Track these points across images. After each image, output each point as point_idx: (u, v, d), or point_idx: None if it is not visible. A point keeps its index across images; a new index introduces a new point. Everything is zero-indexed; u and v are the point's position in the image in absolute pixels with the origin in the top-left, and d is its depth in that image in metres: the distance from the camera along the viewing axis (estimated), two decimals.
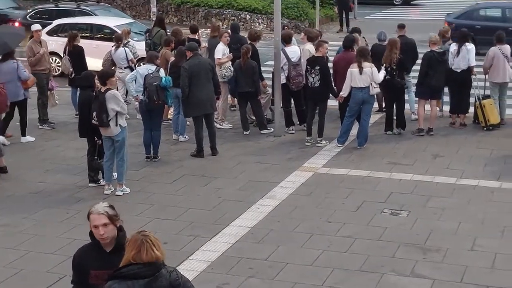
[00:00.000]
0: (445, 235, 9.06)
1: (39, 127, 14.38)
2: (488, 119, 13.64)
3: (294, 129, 13.93)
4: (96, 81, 10.77)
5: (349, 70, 12.53)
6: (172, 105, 13.12)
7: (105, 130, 10.51)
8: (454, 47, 13.72)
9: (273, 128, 13.84)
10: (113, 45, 15.50)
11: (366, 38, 15.35)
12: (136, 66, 15.15)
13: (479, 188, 10.77)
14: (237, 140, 13.51)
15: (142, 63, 14.04)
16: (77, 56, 14.89)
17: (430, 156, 12.32)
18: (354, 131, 13.06)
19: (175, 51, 13.77)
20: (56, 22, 20.24)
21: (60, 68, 17.66)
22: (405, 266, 8.25)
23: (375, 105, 13.73)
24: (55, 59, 18.64)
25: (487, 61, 13.84)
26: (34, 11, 22.59)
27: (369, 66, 12.41)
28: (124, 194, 10.73)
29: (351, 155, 12.44)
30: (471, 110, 14.10)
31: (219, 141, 13.06)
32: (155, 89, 11.87)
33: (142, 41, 17.55)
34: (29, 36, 14.99)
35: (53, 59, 18.11)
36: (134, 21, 21.54)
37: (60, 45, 17.24)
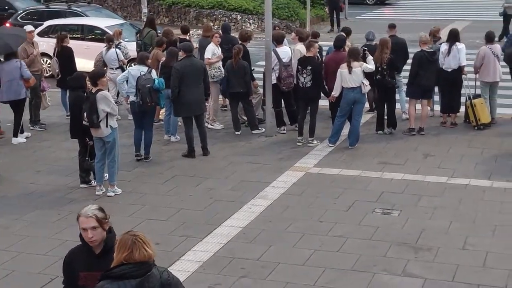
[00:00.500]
0: (436, 234, 9.09)
1: (30, 128, 14.35)
2: (479, 119, 13.69)
3: (285, 129, 13.94)
4: (87, 81, 10.76)
5: (339, 70, 12.56)
6: (163, 106, 13.11)
7: (95, 131, 10.50)
8: (445, 47, 13.76)
9: (264, 128, 13.85)
10: (104, 46, 15.49)
11: (356, 38, 15.37)
12: (127, 66, 15.14)
13: (470, 187, 10.81)
14: (228, 140, 13.52)
15: (133, 64, 14.02)
16: (66, 57, 14.87)
17: (421, 155, 12.36)
18: (345, 131, 13.09)
19: (166, 52, 13.76)
20: (47, 23, 20.20)
21: (50, 69, 17.63)
22: (396, 265, 8.27)
23: (366, 105, 13.75)
24: (46, 60, 18.60)
25: (478, 60, 13.89)
26: (25, 12, 22.52)
27: (358, 66, 12.44)
28: (115, 195, 10.71)
29: (343, 155, 12.46)
30: (462, 109, 14.14)
31: (211, 141, 13.07)
32: (148, 91, 11.87)
33: (133, 41, 17.54)
34: None
35: (44, 60, 18.08)
36: (125, 21, 21.50)
37: (51, 46, 17.18)
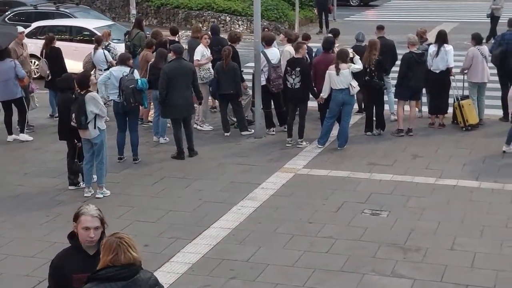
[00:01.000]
0: (425, 235, 9.12)
1: (19, 130, 14.27)
2: (466, 120, 13.75)
3: (274, 130, 13.95)
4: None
5: (327, 72, 12.60)
6: (147, 106, 13.09)
7: (83, 132, 10.47)
8: (433, 48, 13.82)
9: (253, 129, 13.85)
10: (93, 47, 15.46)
11: (344, 39, 15.40)
12: None
13: (458, 188, 10.85)
14: (217, 141, 13.51)
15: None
16: (55, 58, 14.83)
17: (410, 156, 12.40)
18: (334, 132, 13.11)
19: (155, 53, 13.74)
20: (35, 25, 20.12)
21: (38, 70, 17.56)
22: (385, 266, 8.29)
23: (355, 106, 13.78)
24: (34, 62, 18.52)
25: (467, 61, 13.93)
26: (12, 13, 22.42)
27: (346, 67, 12.47)
28: (104, 196, 10.68)
29: (332, 156, 12.48)
30: (450, 110, 14.20)
31: (200, 142, 13.06)
32: (132, 91, 11.85)
33: (122, 43, 17.51)
34: None
35: (32, 62, 18.00)
36: (113, 23, 21.46)
37: (39, 47, 17.11)
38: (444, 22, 28.34)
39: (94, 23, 20.31)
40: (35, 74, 18.13)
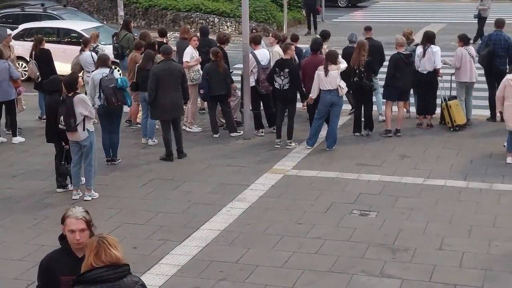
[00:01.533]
0: (413, 235, 9.15)
1: (6, 132, 14.22)
2: (454, 120, 13.81)
3: (263, 131, 13.96)
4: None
5: (316, 72, 12.62)
6: (130, 105, 13.08)
7: (72, 134, 10.44)
8: (420, 49, 13.87)
9: (242, 130, 13.86)
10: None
11: (332, 41, 15.43)
12: None
13: (446, 188, 10.90)
14: (206, 143, 13.51)
15: (118, 70, 13.96)
16: (44, 60, 14.80)
17: (398, 157, 12.44)
18: (323, 133, 13.14)
19: (143, 55, 13.72)
20: (22, 27, 20.04)
21: (26, 72, 17.50)
22: (374, 266, 8.31)
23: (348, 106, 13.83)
24: (22, 64, 18.46)
25: (457, 60, 13.97)
26: None
27: (335, 69, 12.50)
28: (92, 199, 10.66)
29: (320, 157, 12.50)
30: (438, 111, 14.25)
31: (189, 144, 13.05)
32: (112, 91, 11.84)
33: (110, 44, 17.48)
34: None
35: (19, 64, 17.94)
36: (101, 24, 21.41)
37: (26, 49, 17.08)
38: (431, 22, 28.47)
39: (82, 25, 20.25)
40: (23, 76, 18.08)
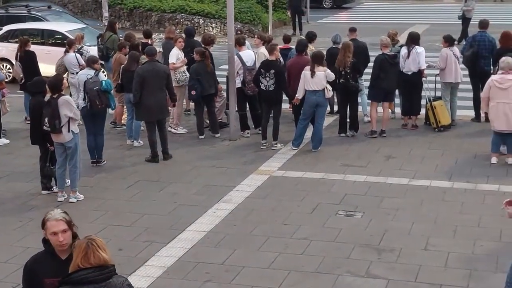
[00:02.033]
0: (398, 235, 9.19)
1: None
2: (439, 121, 13.87)
3: (249, 132, 13.97)
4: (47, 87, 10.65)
5: (303, 72, 12.64)
6: (114, 108, 13.05)
7: (57, 136, 10.39)
8: (404, 50, 13.92)
9: (228, 132, 13.85)
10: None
11: (317, 42, 15.46)
12: None
13: (432, 188, 10.94)
14: (192, 144, 13.49)
15: (103, 72, 13.88)
16: (29, 61, 14.73)
17: (383, 157, 12.48)
18: (308, 134, 13.16)
19: (128, 56, 13.69)
20: (6, 28, 19.95)
21: (11, 74, 17.42)
22: (360, 266, 8.33)
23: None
24: (6, 66, 18.37)
25: (442, 61, 14.01)
26: None
27: (322, 70, 12.52)
28: (77, 201, 10.61)
29: (306, 158, 12.52)
30: (423, 111, 14.31)
31: (174, 145, 13.03)
32: (97, 93, 11.80)
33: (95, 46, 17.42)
34: None
35: (3, 65, 17.85)
36: (86, 26, 21.34)
37: (10, 51, 17.01)
38: (416, 23, 28.59)
39: (66, 26, 20.17)
40: (7, 78, 17.99)
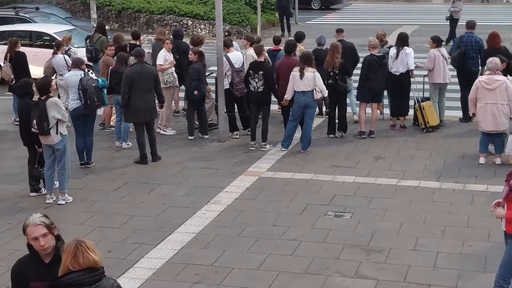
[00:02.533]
0: (387, 236, 9.21)
1: None
2: (427, 121, 13.91)
3: (238, 134, 13.97)
4: (34, 89, 10.62)
5: (292, 73, 12.66)
6: (107, 103, 13.02)
7: (45, 138, 10.36)
8: (393, 51, 13.97)
9: (216, 133, 13.85)
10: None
11: (305, 43, 15.49)
12: None
13: (420, 188, 10.98)
14: (181, 146, 13.47)
15: (91, 72, 13.81)
16: (19, 62, 14.71)
17: (372, 158, 12.51)
18: (297, 135, 13.17)
19: (116, 57, 13.66)
20: None
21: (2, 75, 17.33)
22: (349, 267, 8.35)
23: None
24: None
25: (430, 62, 14.06)
26: None
27: (311, 71, 12.54)
28: (66, 203, 10.58)
29: (295, 159, 12.54)
30: (411, 112, 14.36)
31: (163, 147, 13.02)
32: (95, 91, 11.83)
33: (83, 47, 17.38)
34: None
35: None
36: (74, 27, 21.27)
37: None
38: (404, 24, 28.67)
39: (54, 28, 20.11)
40: None
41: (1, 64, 15.52)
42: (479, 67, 14.34)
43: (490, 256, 8.43)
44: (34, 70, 16.18)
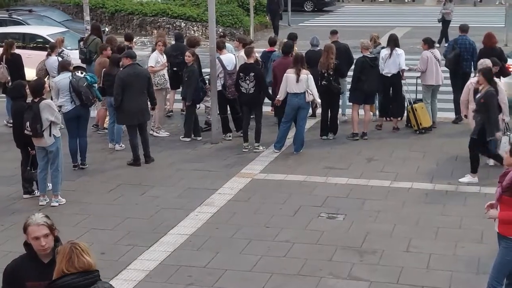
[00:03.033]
0: (380, 237, 9.23)
1: None
2: (420, 123, 13.95)
3: (231, 135, 13.98)
4: (27, 92, 10.59)
5: (285, 75, 12.68)
6: (102, 99, 13.03)
7: (38, 140, 10.34)
8: (385, 52, 14.04)
9: (209, 135, 13.86)
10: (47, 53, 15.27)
11: (299, 45, 15.51)
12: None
13: (413, 190, 11.00)
14: (174, 147, 13.47)
15: (79, 71, 13.78)
16: (15, 64, 14.70)
17: (365, 160, 12.53)
18: (290, 136, 13.18)
19: (109, 59, 13.64)
20: None
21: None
22: (342, 269, 8.37)
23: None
24: None
25: (423, 64, 14.10)
26: None
27: (305, 73, 12.57)
28: (59, 205, 10.57)
29: (288, 161, 12.55)
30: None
31: (156, 149, 13.02)
32: (88, 89, 11.86)
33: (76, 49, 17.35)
34: None
35: None
36: (67, 29, 21.25)
37: None
38: (397, 26, 28.75)
39: (47, 30, 20.08)
40: None
41: None
42: (472, 69, 14.49)
43: (483, 257, 8.46)
44: (27, 72, 16.12)
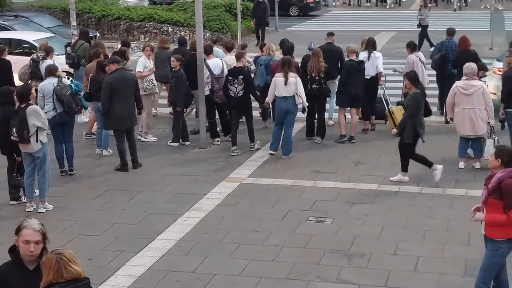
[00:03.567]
0: (368, 241, 9.26)
1: None
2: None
3: (219, 140, 13.99)
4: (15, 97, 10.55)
5: (273, 78, 12.73)
6: (87, 107, 12.99)
7: (25, 146, 10.30)
8: (364, 55, 14.24)
9: (197, 140, 13.86)
10: (41, 57, 15.10)
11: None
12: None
13: (400, 193, 11.05)
14: (161, 152, 13.46)
15: (67, 77, 13.72)
16: (4, 70, 14.65)
17: (352, 163, 12.57)
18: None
19: (96, 65, 13.60)
20: None
21: None
22: (330, 272, 8.38)
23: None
24: None
25: (409, 67, 14.18)
26: None
27: (293, 77, 12.62)
28: (47, 211, 10.52)
29: (276, 165, 12.56)
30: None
31: (144, 154, 13.00)
32: (71, 97, 11.79)
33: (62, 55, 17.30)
34: None
35: None
36: (54, 35, 21.19)
37: None
38: (383, 31, 28.86)
39: (33, 35, 20.02)
40: None
41: None
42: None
43: (470, 259, 8.50)
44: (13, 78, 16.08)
